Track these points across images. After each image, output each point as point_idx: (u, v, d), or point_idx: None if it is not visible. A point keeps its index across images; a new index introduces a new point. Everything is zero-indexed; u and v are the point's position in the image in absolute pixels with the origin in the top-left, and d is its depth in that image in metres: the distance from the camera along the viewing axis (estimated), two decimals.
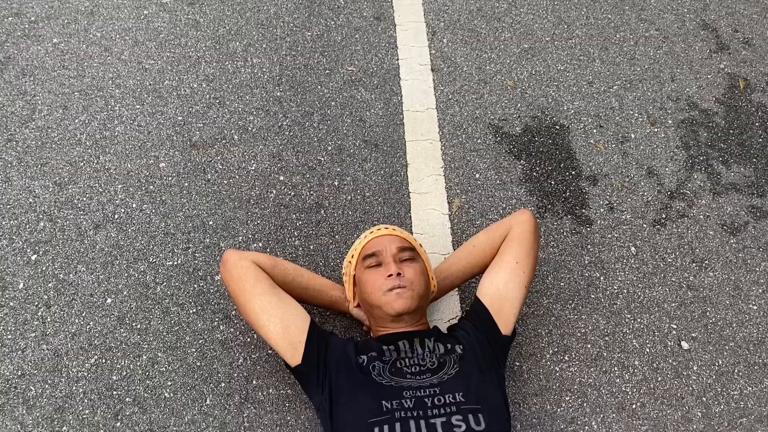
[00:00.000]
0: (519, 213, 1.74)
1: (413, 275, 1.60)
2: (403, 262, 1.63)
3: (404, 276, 1.58)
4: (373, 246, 1.67)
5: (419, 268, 1.63)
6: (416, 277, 1.60)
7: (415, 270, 1.61)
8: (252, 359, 1.76)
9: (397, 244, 1.66)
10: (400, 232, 1.71)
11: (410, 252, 1.66)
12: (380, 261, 1.63)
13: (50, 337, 1.77)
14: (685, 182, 2.24)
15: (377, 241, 1.67)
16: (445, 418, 1.38)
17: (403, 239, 1.69)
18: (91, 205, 2.04)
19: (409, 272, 1.60)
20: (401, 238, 1.69)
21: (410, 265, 1.62)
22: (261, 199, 2.09)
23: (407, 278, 1.58)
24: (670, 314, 1.92)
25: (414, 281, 1.59)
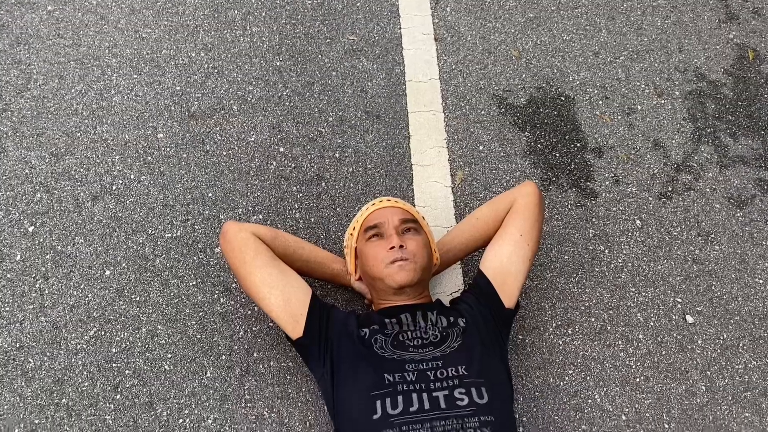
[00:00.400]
0: (523, 185, 1.71)
1: (416, 247, 1.57)
2: (405, 234, 1.61)
3: (406, 248, 1.56)
4: (375, 218, 1.64)
5: (422, 241, 1.60)
6: (419, 250, 1.57)
7: (417, 242, 1.59)
8: (253, 332, 1.75)
9: (399, 216, 1.63)
10: (402, 204, 1.68)
11: (413, 224, 1.63)
12: (382, 233, 1.60)
13: (48, 309, 1.75)
14: (692, 155, 2.21)
15: (379, 213, 1.64)
16: (447, 392, 1.36)
17: (405, 211, 1.66)
18: (89, 177, 2.01)
19: (411, 244, 1.57)
20: (404, 210, 1.66)
21: (413, 238, 1.60)
22: (261, 170, 2.06)
23: (409, 250, 1.56)
24: (675, 288, 1.90)
25: (416, 253, 1.56)
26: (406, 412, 1.33)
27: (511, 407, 1.46)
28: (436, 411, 1.33)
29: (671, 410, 1.69)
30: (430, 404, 1.34)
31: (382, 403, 1.35)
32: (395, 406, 1.34)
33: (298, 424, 1.62)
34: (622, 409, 1.68)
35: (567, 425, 1.66)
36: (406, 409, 1.34)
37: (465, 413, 1.33)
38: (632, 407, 1.69)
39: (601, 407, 1.68)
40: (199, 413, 1.62)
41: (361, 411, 1.37)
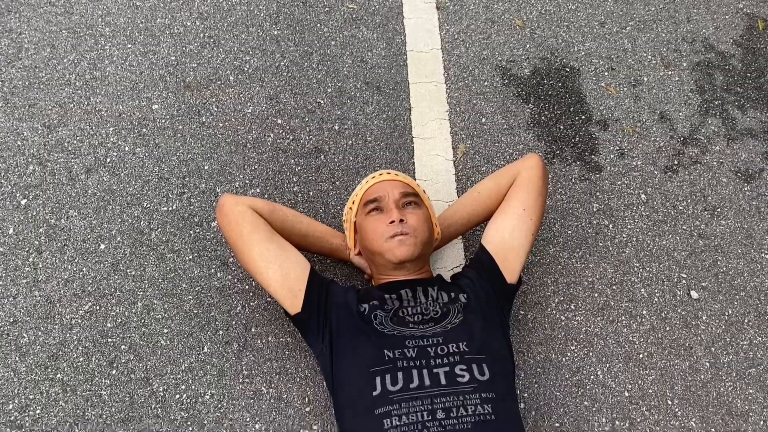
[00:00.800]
0: (527, 157, 1.66)
1: (416, 222, 1.54)
2: (405, 207, 1.57)
3: (407, 222, 1.52)
4: (374, 191, 1.60)
5: (422, 215, 1.57)
6: (419, 224, 1.54)
7: (418, 216, 1.55)
8: (251, 307, 1.72)
9: (399, 189, 1.59)
10: (402, 177, 1.64)
11: (413, 197, 1.59)
12: (382, 207, 1.57)
13: (42, 283, 1.72)
14: (699, 127, 2.16)
15: (379, 187, 1.60)
16: (448, 368, 1.33)
17: (405, 184, 1.62)
18: (82, 148, 1.96)
19: (411, 218, 1.54)
20: (404, 183, 1.62)
21: (413, 212, 1.56)
22: (258, 143, 2.01)
23: (410, 225, 1.52)
24: (680, 263, 1.87)
25: (417, 228, 1.53)
26: (406, 388, 1.31)
27: (513, 383, 1.44)
28: (437, 387, 1.31)
29: (675, 387, 1.67)
30: (430, 381, 1.31)
31: (382, 380, 1.33)
32: (395, 383, 1.32)
33: (297, 399, 1.60)
34: (624, 385, 1.66)
35: (569, 401, 1.63)
36: (406, 386, 1.31)
37: (466, 390, 1.31)
38: (635, 383, 1.67)
39: (603, 383, 1.66)
40: (196, 389, 1.60)
41: (360, 387, 1.35)
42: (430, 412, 1.27)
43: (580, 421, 1.61)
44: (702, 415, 1.63)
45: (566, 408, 1.63)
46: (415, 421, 1.27)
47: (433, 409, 1.28)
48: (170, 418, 1.56)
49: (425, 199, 1.65)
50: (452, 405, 1.28)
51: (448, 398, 1.29)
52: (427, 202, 1.65)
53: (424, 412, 1.28)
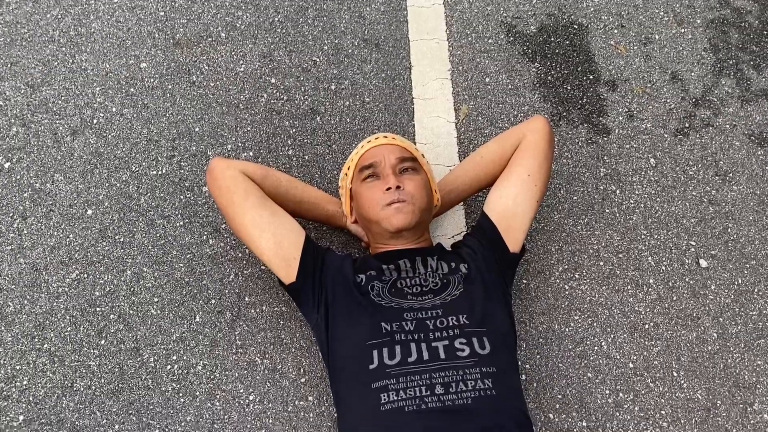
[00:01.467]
0: (532, 120, 1.58)
1: (414, 188, 1.46)
2: (403, 173, 1.49)
3: (404, 189, 1.45)
4: (370, 156, 1.52)
5: (421, 180, 1.49)
6: (417, 190, 1.46)
7: (416, 182, 1.48)
8: (244, 275, 1.66)
9: (396, 154, 1.51)
10: (400, 141, 1.56)
11: (411, 162, 1.52)
12: (378, 173, 1.49)
13: (27, 250, 1.66)
14: (712, 88, 2.06)
15: (375, 151, 1.52)
16: (447, 342, 1.28)
17: (403, 148, 1.54)
18: (68, 109, 1.88)
19: (409, 185, 1.46)
20: (401, 147, 1.54)
21: (411, 177, 1.49)
22: (251, 103, 1.92)
23: (407, 191, 1.45)
24: (689, 230, 1.80)
25: (414, 194, 1.45)
26: (404, 362, 1.26)
27: (515, 357, 1.39)
28: (436, 362, 1.26)
29: (681, 358, 1.62)
30: (429, 355, 1.26)
31: (379, 353, 1.28)
32: (393, 357, 1.27)
33: (292, 370, 1.55)
34: (629, 356, 1.61)
35: (572, 373, 1.59)
36: (404, 360, 1.26)
37: (466, 364, 1.26)
38: (640, 355, 1.62)
39: (607, 354, 1.61)
40: (187, 359, 1.55)
41: (356, 361, 1.30)
42: (429, 387, 1.23)
43: (583, 393, 1.56)
44: (708, 387, 1.59)
45: (569, 379, 1.58)
46: (413, 396, 1.22)
47: (431, 383, 1.23)
48: (161, 390, 1.51)
49: (424, 164, 1.57)
50: (451, 380, 1.24)
51: (448, 373, 1.24)
52: (426, 166, 1.58)
53: (422, 386, 1.23)
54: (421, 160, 1.56)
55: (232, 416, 1.49)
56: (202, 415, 1.49)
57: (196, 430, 1.47)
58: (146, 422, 1.48)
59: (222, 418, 1.49)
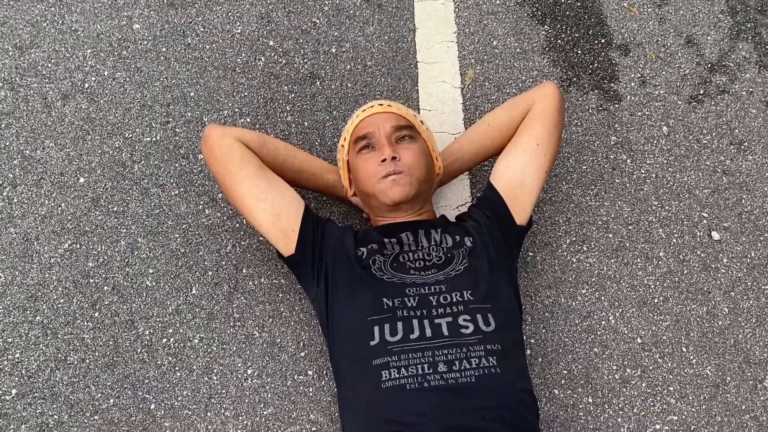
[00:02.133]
0: (543, 86, 1.51)
1: (411, 158, 1.40)
2: (399, 143, 1.42)
3: (400, 159, 1.38)
4: (364, 127, 1.45)
5: (419, 149, 1.43)
6: (415, 160, 1.40)
7: (413, 151, 1.41)
8: (241, 246, 1.61)
9: (391, 122, 1.44)
10: (396, 108, 1.49)
11: (408, 130, 1.44)
12: (373, 143, 1.42)
13: (18, 219, 1.61)
14: (729, 53, 1.98)
15: (369, 121, 1.45)
16: (451, 318, 1.24)
17: (399, 116, 1.47)
18: (58, 72, 1.80)
19: (406, 155, 1.40)
20: (397, 115, 1.47)
21: (408, 146, 1.42)
22: (248, 67, 1.85)
23: (404, 162, 1.38)
24: (701, 201, 1.74)
25: (412, 165, 1.39)
26: (406, 339, 1.22)
27: (520, 333, 1.35)
28: (439, 339, 1.21)
29: (690, 333, 1.58)
30: (432, 332, 1.22)
31: (381, 330, 1.23)
32: (394, 333, 1.23)
33: (291, 344, 1.51)
34: (637, 331, 1.57)
35: (578, 348, 1.55)
36: (406, 336, 1.22)
37: (470, 341, 1.21)
38: (649, 329, 1.58)
39: (615, 329, 1.57)
40: (184, 332, 1.51)
41: (357, 337, 1.26)
42: (431, 365, 1.19)
43: (589, 369, 1.53)
44: (718, 363, 1.55)
45: (575, 354, 1.54)
46: (415, 374, 1.18)
47: (434, 361, 1.19)
48: (157, 363, 1.48)
49: (423, 131, 1.50)
50: (455, 357, 1.19)
51: (451, 350, 1.20)
52: (426, 133, 1.51)
53: (425, 364, 1.19)
54: (420, 127, 1.49)
55: (229, 390, 1.46)
56: (199, 389, 1.46)
57: (193, 404, 1.44)
58: (142, 396, 1.44)
59: (219, 393, 1.45)
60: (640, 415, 1.48)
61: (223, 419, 1.43)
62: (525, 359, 1.32)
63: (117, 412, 1.43)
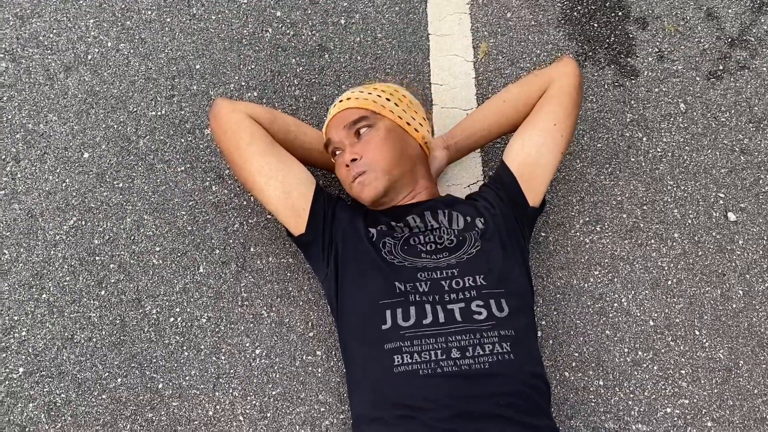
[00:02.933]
0: (561, 63, 1.46)
1: (371, 150, 1.34)
2: (358, 136, 1.37)
3: (361, 158, 1.34)
4: (328, 133, 1.42)
5: (378, 137, 1.35)
6: (375, 151, 1.34)
7: (372, 142, 1.35)
8: (249, 224, 1.58)
9: (344, 122, 1.38)
10: (354, 101, 1.41)
11: (363, 121, 1.37)
12: (338, 147, 1.40)
13: (22, 195, 1.58)
14: (750, 27, 1.92)
15: (330, 126, 1.42)
16: (463, 304, 1.21)
17: (352, 110, 1.39)
18: (60, 43, 1.76)
19: (365, 149, 1.34)
20: (351, 109, 1.39)
21: (366, 138, 1.35)
22: (255, 39, 1.80)
23: (364, 160, 1.34)
24: (718, 181, 1.70)
25: (373, 158, 1.34)
26: (419, 324, 1.19)
27: (533, 318, 1.33)
28: (452, 325, 1.19)
29: (703, 316, 1.56)
30: (445, 317, 1.20)
31: (393, 314, 1.21)
32: (407, 318, 1.20)
33: (299, 324, 1.50)
34: (650, 313, 1.55)
35: (589, 330, 1.53)
36: (419, 322, 1.20)
37: (483, 327, 1.19)
38: (661, 312, 1.55)
39: (627, 311, 1.55)
40: (191, 311, 1.49)
41: (368, 319, 1.24)
42: (445, 351, 1.17)
43: (600, 351, 1.51)
44: (731, 347, 1.53)
45: (586, 337, 1.52)
46: (428, 360, 1.16)
47: (447, 347, 1.17)
48: (164, 342, 1.47)
49: (387, 109, 1.41)
50: (468, 343, 1.17)
51: (464, 336, 1.18)
52: (392, 111, 1.41)
53: (438, 350, 1.17)
54: (381, 110, 1.40)
55: (238, 371, 1.45)
56: (207, 369, 1.45)
57: (201, 384, 1.43)
58: (149, 376, 1.43)
59: (228, 373, 1.44)
60: (651, 398, 1.47)
61: (231, 399, 1.42)
62: (537, 344, 1.30)
63: (125, 392, 1.42)
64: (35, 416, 1.40)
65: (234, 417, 1.41)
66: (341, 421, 1.42)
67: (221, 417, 1.41)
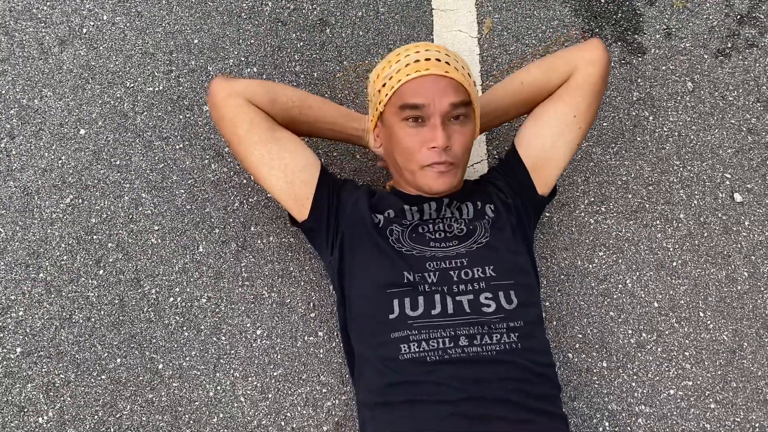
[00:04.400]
0: (589, 47, 1.35)
1: (462, 145, 1.24)
2: (453, 122, 1.25)
3: (452, 149, 1.23)
4: (416, 94, 1.22)
5: (470, 132, 1.27)
6: (466, 147, 1.26)
7: (465, 137, 1.25)
8: (249, 203, 1.56)
9: (450, 98, 1.22)
10: (456, 73, 1.24)
11: (464, 108, 1.24)
12: (424, 118, 1.23)
13: (17, 172, 1.55)
14: (759, 4, 1.88)
15: (424, 89, 1.22)
16: (472, 296, 1.19)
17: (459, 88, 1.24)
18: (54, 16, 1.71)
19: (458, 142, 1.24)
20: (457, 85, 1.23)
21: (461, 130, 1.25)
22: (254, 12, 1.75)
23: (454, 151, 1.23)
24: (724, 162, 1.68)
25: (460, 153, 1.25)
26: (427, 315, 1.17)
27: (540, 306, 1.29)
28: (461, 316, 1.17)
29: (708, 297, 1.54)
30: (453, 308, 1.18)
31: (400, 303, 1.19)
32: (415, 308, 1.18)
33: (301, 305, 1.48)
34: (654, 295, 1.54)
35: (593, 311, 1.52)
36: (427, 312, 1.17)
37: (492, 320, 1.17)
38: (666, 293, 1.54)
39: (632, 293, 1.54)
40: (191, 291, 1.47)
41: (375, 308, 1.21)
42: (453, 339, 1.15)
43: (604, 333, 1.50)
44: (735, 329, 1.52)
45: (590, 318, 1.51)
46: (436, 348, 1.14)
47: (455, 335, 1.15)
48: (164, 323, 1.45)
49: (475, 101, 1.29)
50: (476, 333, 1.16)
51: (473, 327, 1.16)
52: (476, 102, 1.30)
53: (446, 338, 1.15)
54: (475, 98, 1.29)
55: (238, 351, 1.43)
56: (208, 349, 1.43)
57: (201, 365, 1.42)
58: (149, 356, 1.42)
59: (228, 353, 1.43)
60: (654, 380, 1.46)
61: (232, 380, 1.41)
62: (544, 332, 1.28)
63: (124, 372, 1.41)
64: (34, 396, 1.38)
65: (235, 398, 1.40)
66: (343, 402, 1.41)
67: (222, 398, 1.40)
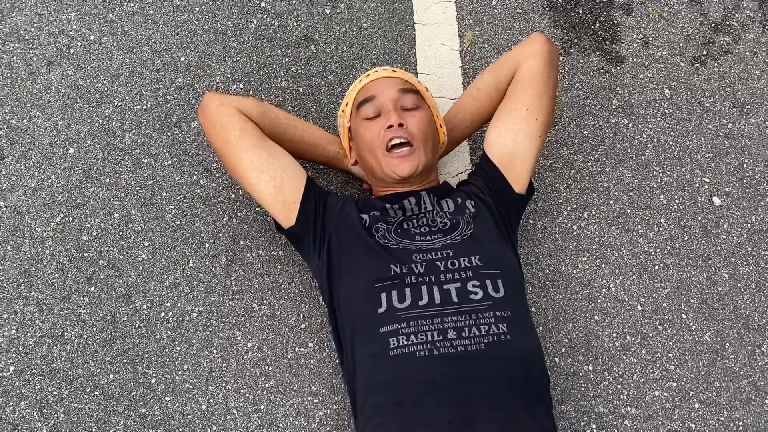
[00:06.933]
0: (529, 42, 1.43)
1: (418, 126, 1.35)
2: (406, 111, 1.38)
3: (407, 127, 1.34)
4: (368, 90, 1.40)
5: (425, 117, 1.38)
6: (422, 129, 1.36)
7: (420, 120, 1.37)
8: (238, 217, 1.58)
9: (397, 86, 1.39)
10: (401, 73, 1.44)
11: (414, 96, 1.39)
12: (378, 109, 1.37)
13: (7, 192, 1.57)
14: (733, 12, 1.93)
15: (374, 85, 1.41)
16: (459, 284, 1.22)
17: (404, 80, 1.42)
18: (41, 37, 1.74)
19: (412, 122, 1.35)
20: (402, 79, 1.42)
21: (415, 114, 1.37)
22: (239, 30, 1.78)
23: (410, 130, 1.34)
24: (703, 166, 1.72)
25: (418, 135, 1.35)
26: (414, 306, 1.20)
27: (526, 300, 1.34)
28: (448, 306, 1.20)
29: (690, 300, 1.58)
30: (441, 298, 1.20)
31: (388, 296, 1.22)
32: (402, 299, 1.21)
33: (291, 316, 1.50)
34: (638, 298, 1.57)
35: (578, 315, 1.55)
36: (414, 303, 1.20)
37: (479, 308, 1.20)
38: (649, 296, 1.57)
39: (615, 297, 1.57)
40: (182, 306, 1.49)
41: (364, 304, 1.24)
42: (441, 332, 1.17)
43: (589, 336, 1.53)
44: (717, 329, 1.55)
45: (575, 322, 1.54)
46: (424, 341, 1.17)
47: (443, 328, 1.17)
48: (156, 338, 1.46)
49: (428, 98, 1.46)
50: (464, 324, 1.18)
51: (460, 317, 1.19)
52: (431, 101, 1.46)
53: (434, 331, 1.17)
54: (425, 94, 1.45)
55: (230, 364, 1.45)
56: (200, 363, 1.45)
57: (193, 378, 1.43)
58: (142, 371, 1.43)
59: (220, 366, 1.45)
60: (639, 381, 1.49)
61: (225, 392, 1.43)
62: (533, 325, 1.31)
63: (117, 387, 1.42)
64: (27, 414, 1.40)
65: (227, 410, 1.42)
66: (335, 412, 1.43)
67: (215, 410, 1.42)
